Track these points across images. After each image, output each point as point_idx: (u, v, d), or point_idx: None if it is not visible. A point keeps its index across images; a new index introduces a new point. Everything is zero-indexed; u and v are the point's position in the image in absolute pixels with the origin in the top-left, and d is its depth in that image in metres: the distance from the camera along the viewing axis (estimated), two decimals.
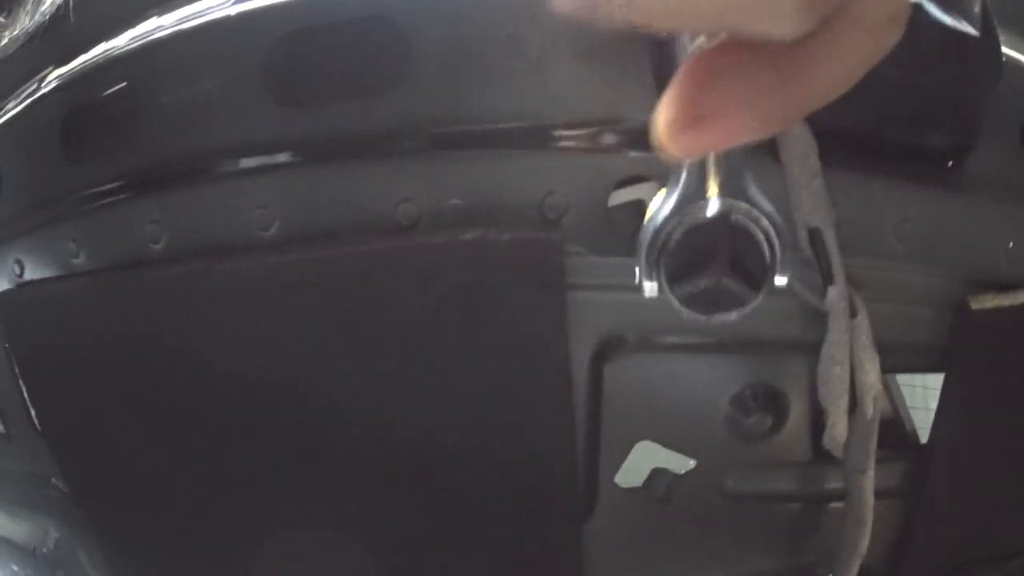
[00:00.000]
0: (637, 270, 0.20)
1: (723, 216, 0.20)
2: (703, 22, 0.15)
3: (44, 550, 0.51)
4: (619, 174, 0.35)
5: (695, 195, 0.21)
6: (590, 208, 0.35)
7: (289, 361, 0.38)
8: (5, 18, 0.47)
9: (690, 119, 0.16)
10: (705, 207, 0.20)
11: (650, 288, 0.20)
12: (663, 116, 0.16)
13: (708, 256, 0.20)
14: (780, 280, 0.19)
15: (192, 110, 0.38)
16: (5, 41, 0.45)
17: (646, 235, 0.21)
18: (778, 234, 0.19)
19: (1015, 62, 0.41)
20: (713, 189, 0.20)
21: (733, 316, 0.20)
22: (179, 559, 0.47)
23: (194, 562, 0.47)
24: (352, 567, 0.40)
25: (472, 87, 0.35)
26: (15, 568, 0.53)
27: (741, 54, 0.16)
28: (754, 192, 0.20)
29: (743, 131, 0.16)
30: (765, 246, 0.19)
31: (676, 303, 0.20)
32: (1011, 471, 0.43)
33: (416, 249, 0.34)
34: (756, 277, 0.19)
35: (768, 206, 0.19)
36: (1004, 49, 0.40)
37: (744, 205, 0.20)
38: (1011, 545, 0.48)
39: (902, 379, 0.55)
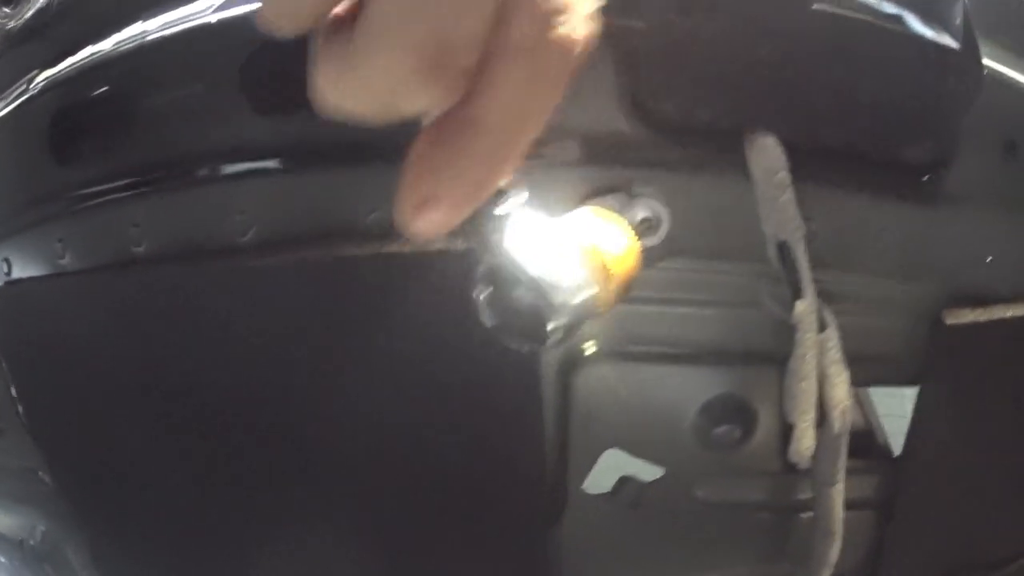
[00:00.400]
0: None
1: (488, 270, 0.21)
2: (369, 109, 0.17)
3: (32, 543, 0.52)
4: (592, 185, 0.35)
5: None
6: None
7: (264, 363, 0.38)
8: (11, 9, 0.48)
9: (417, 205, 0.18)
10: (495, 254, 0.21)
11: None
12: (397, 209, 0.18)
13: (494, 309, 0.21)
14: (562, 299, 0.20)
15: (173, 115, 0.39)
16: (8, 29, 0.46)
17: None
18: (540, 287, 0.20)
19: (998, 75, 0.40)
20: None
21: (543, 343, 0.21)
22: (164, 553, 0.48)
23: (179, 556, 0.48)
24: (322, 568, 0.41)
25: None
26: (3, 560, 0.54)
27: (441, 131, 0.17)
28: (513, 242, 0.21)
29: (467, 200, 0.18)
30: (527, 301, 0.20)
31: (506, 342, 0.21)
32: (986, 485, 0.43)
33: (385, 258, 0.34)
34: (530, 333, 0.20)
35: (525, 258, 0.20)
36: (986, 61, 0.39)
37: (500, 259, 0.21)
38: (988, 557, 0.47)
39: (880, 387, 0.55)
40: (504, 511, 0.39)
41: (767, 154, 0.35)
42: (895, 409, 0.52)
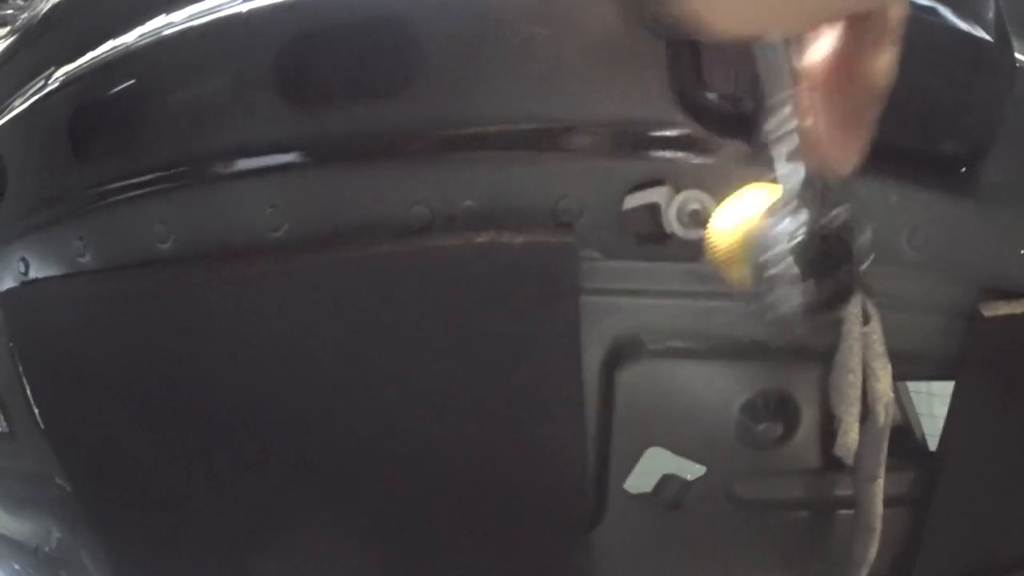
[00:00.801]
0: (761, 283, 0.21)
1: (845, 220, 0.21)
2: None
3: (46, 549, 0.51)
4: (633, 178, 0.34)
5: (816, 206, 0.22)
6: (604, 212, 0.34)
7: (297, 364, 0.37)
8: (24, 0, 0.46)
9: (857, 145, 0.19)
10: (833, 216, 0.21)
11: (784, 305, 0.21)
12: (842, 150, 0.17)
13: (833, 260, 0.21)
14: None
15: (201, 109, 0.38)
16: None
17: (767, 246, 0.21)
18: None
19: None
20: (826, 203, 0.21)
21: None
22: (182, 559, 0.47)
23: (197, 561, 0.46)
24: (360, 571, 0.40)
25: (485, 89, 0.35)
26: (17, 567, 0.52)
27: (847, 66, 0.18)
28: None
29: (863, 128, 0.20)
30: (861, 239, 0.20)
31: (795, 310, 0.21)
32: (1017, 479, 0.43)
33: (429, 252, 0.34)
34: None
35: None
36: (1018, 55, 0.40)
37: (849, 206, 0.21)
38: (1017, 556, 0.47)
39: (914, 386, 0.55)
40: (546, 512, 0.38)
41: None
42: (922, 408, 0.52)
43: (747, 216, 0.23)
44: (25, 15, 0.46)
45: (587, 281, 0.35)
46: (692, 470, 0.39)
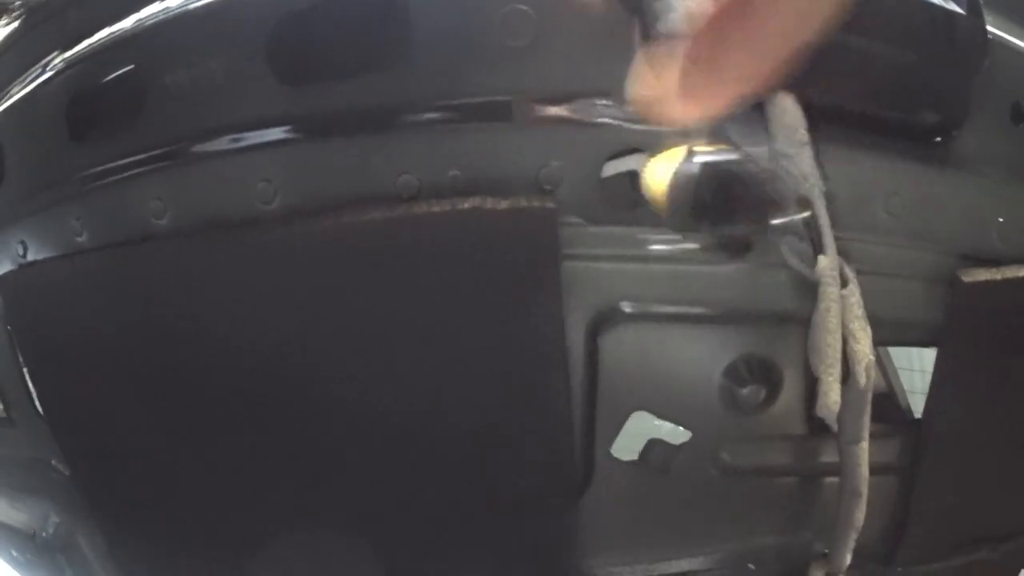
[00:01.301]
0: (672, 225, 0.21)
1: (738, 164, 0.21)
2: None
3: (44, 535, 0.51)
4: (612, 146, 0.35)
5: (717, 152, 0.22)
6: (584, 179, 0.35)
7: (292, 333, 0.38)
8: None
9: (687, 92, 0.17)
10: (729, 159, 0.21)
11: (692, 245, 0.21)
12: (656, 93, 0.17)
13: (739, 203, 0.21)
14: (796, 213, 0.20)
15: (197, 89, 0.39)
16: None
17: (679, 190, 0.22)
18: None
19: (1002, 40, 0.42)
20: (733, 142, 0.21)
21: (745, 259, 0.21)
22: (179, 542, 0.47)
23: (194, 544, 0.47)
24: (353, 541, 0.40)
25: (470, 63, 0.36)
26: (15, 553, 0.53)
27: (723, 23, 0.17)
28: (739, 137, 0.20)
29: (736, 95, 0.18)
30: (767, 187, 0.20)
31: (704, 251, 0.21)
32: (1006, 447, 0.44)
33: (416, 219, 0.35)
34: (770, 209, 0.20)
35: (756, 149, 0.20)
36: (989, 28, 0.41)
37: (736, 155, 0.21)
38: (1009, 524, 0.48)
39: (899, 363, 0.56)
40: (533, 478, 0.38)
41: (787, 113, 0.35)
42: (908, 384, 0.53)
43: (670, 161, 0.24)
44: (21, 2, 0.47)
45: (569, 247, 0.36)
46: (680, 437, 0.40)
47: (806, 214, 0.21)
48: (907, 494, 0.42)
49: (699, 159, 0.21)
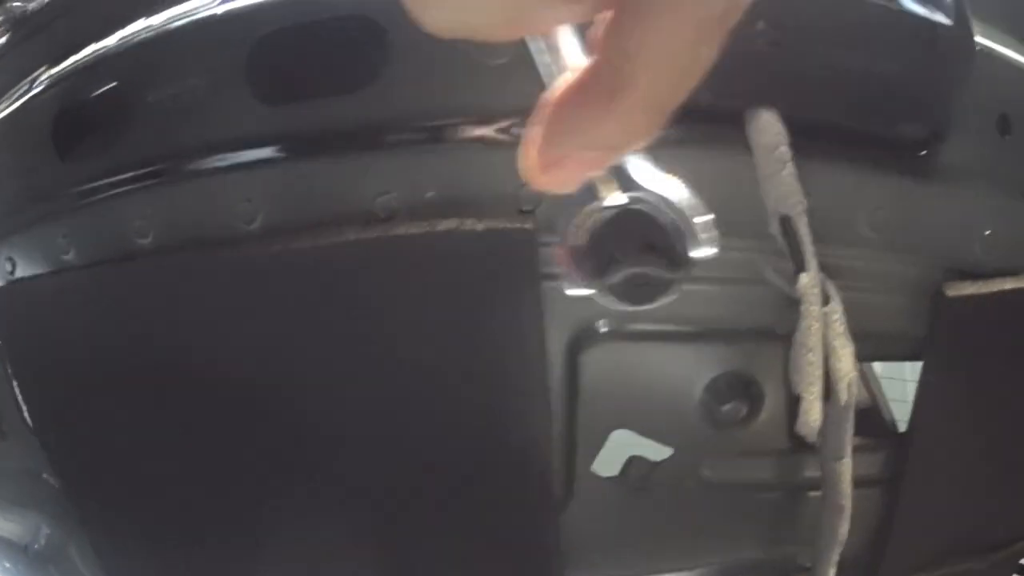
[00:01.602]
0: (565, 276, 0.21)
1: (620, 209, 0.20)
2: (493, 21, 0.15)
3: (36, 546, 0.52)
4: None
5: (588, 199, 0.21)
6: (563, 198, 0.35)
7: (273, 350, 0.38)
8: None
9: (546, 164, 0.17)
10: (599, 207, 0.20)
11: (576, 292, 0.21)
12: (523, 160, 0.17)
13: (621, 249, 0.20)
14: (700, 252, 0.19)
15: (178, 108, 0.39)
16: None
17: (560, 247, 0.21)
18: (681, 211, 0.19)
19: (989, 50, 0.41)
20: (605, 190, 0.20)
21: (661, 301, 0.20)
22: (169, 551, 0.48)
23: (184, 554, 0.47)
24: (331, 560, 0.40)
25: (449, 83, 0.36)
26: (7, 565, 0.53)
27: (578, 93, 0.16)
28: (647, 179, 0.20)
29: (601, 163, 0.17)
30: (669, 225, 0.19)
31: (606, 298, 0.20)
32: (992, 459, 0.44)
33: (393, 240, 0.35)
34: (673, 258, 0.19)
35: (664, 189, 0.19)
36: (977, 38, 0.40)
37: (638, 193, 0.20)
38: (996, 535, 0.48)
39: (888, 373, 0.56)
40: (515, 496, 0.39)
41: (767, 130, 0.35)
42: (897, 394, 0.53)
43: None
44: (6, 17, 0.47)
45: (549, 266, 0.35)
46: (661, 453, 0.40)
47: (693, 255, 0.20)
48: (892, 506, 0.42)
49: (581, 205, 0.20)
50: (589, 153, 0.17)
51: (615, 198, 0.19)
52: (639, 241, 0.19)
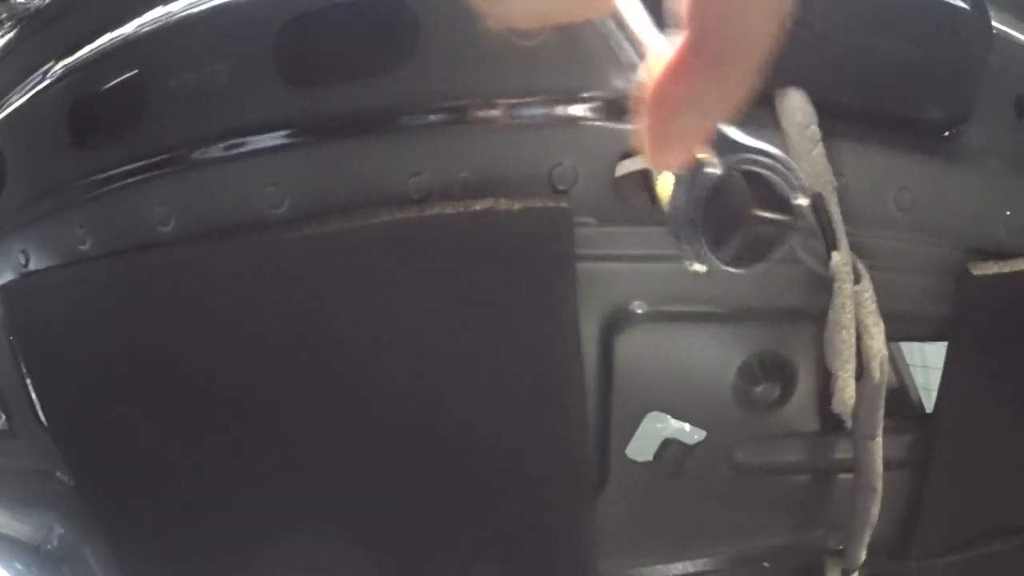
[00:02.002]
0: (682, 253, 0.21)
1: (727, 173, 0.20)
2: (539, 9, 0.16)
3: (48, 547, 0.51)
4: (625, 145, 0.35)
5: (698, 169, 0.21)
6: (598, 179, 0.35)
7: (306, 336, 0.38)
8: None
9: (665, 141, 0.18)
10: (710, 174, 0.20)
11: (700, 267, 0.21)
12: (648, 144, 0.18)
13: (735, 213, 0.20)
14: (802, 200, 0.20)
15: (201, 93, 0.39)
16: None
17: (673, 220, 0.21)
18: (780, 162, 0.20)
19: (1005, 35, 0.42)
20: (710, 157, 0.21)
21: (779, 254, 0.20)
22: (185, 551, 0.47)
23: (201, 553, 0.46)
24: (366, 542, 0.40)
25: (480, 63, 0.35)
26: (19, 567, 0.52)
27: (683, 68, 0.17)
28: (740, 138, 0.20)
29: (711, 128, 0.18)
30: (775, 176, 0.19)
31: (727, 270, 0.20)
32: (1017, 438, 0.44)
33: (427, 220, 0.34)
34: (782, 206, 0.19)
35: (759, 142, 0.20)
36: (994, 23, 0.41)
37: (740, 155, 0.20)
38: (1021, 517, 0.48)
39: (910, 360, 0.56)
40: (549, 479, 0.38)
41: (798, 109, 0.35)
42: (920, 382, 0.53)
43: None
44: (11, 13, 0.46)
45: (583, 247, 0.35)
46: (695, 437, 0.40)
47: (807, 218, 0.20)
48: (920, 489, 0.42)
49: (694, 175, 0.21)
50: (702, 123, 0.18)
51: (717, 165, 0.19)
52: (752, 202, 0.19)
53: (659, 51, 0.18)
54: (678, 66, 0.17)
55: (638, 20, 0.19)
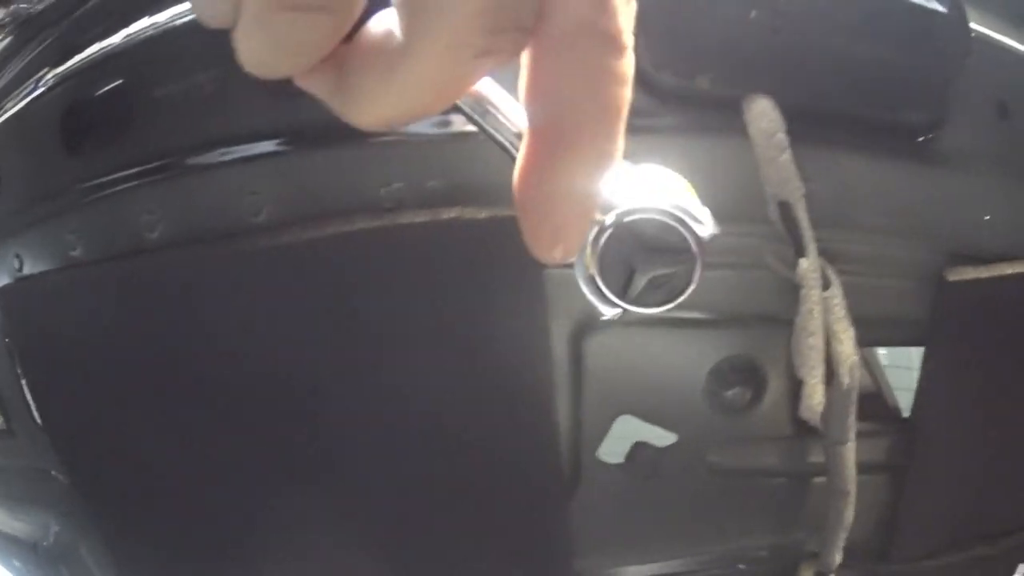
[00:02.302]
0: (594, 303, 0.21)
1: (616, 227, 0.20)
2: (425, 102, 0.15)
3: (45, 544, 0.52)
4: None
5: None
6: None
7: (283, 342, 0.39)
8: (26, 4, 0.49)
9: (552, 243, 0.18)
10: (598, 232, 0.21)
11: (610, 313, 0.21)
12: (536, 248, 0.18)
13: (634, 260, 0.21)
14: (706, 232, 0.20)
15: (184, 103, 0.40)
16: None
17: (579, 277, 0.22)
18: (670, 204, 0.20)
19: (986, 38, 0.42)
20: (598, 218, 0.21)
21: (687, 293, 0.21)
22: (182, 551, 0.48)
23: (197, 553, 0.48)
24: (344, 549, 0.41)
25: None
26: (17, 564, 0.54)
27: (536, 161, 0.16)
28: (622, 190, 0.20)
29: (590, 208, 0.18)
30: (667, 219, 0.19)
31: (635, 311, 0.21)
32: (997, 444, 0.44)
33: (399, 229, 0.35)
34: (684, 247, 0.20)
35: (644, 191, 0.20)
36: (973, 25, 0.41)
37: (624, 207, 0.20)
38: (1006, 521, 0.48)
39: (894, 361, 0.56)
40: (520, 485, 0.39)
41: (765, 116, 0.36)
42: (903, 383, 0.53)
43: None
44: (13, 18, 0.48)
45: None
46: (667, 440, 0.40)
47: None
48: (898, 492, 0.43)
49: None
50: (577, 210, 0.17)
51: (606, 220, 0.20)
52: (647, 246, 0.20)
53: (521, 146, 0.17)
54: (531, 166, 0.17)
55: (501, 99, 0.18)
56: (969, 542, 0.46)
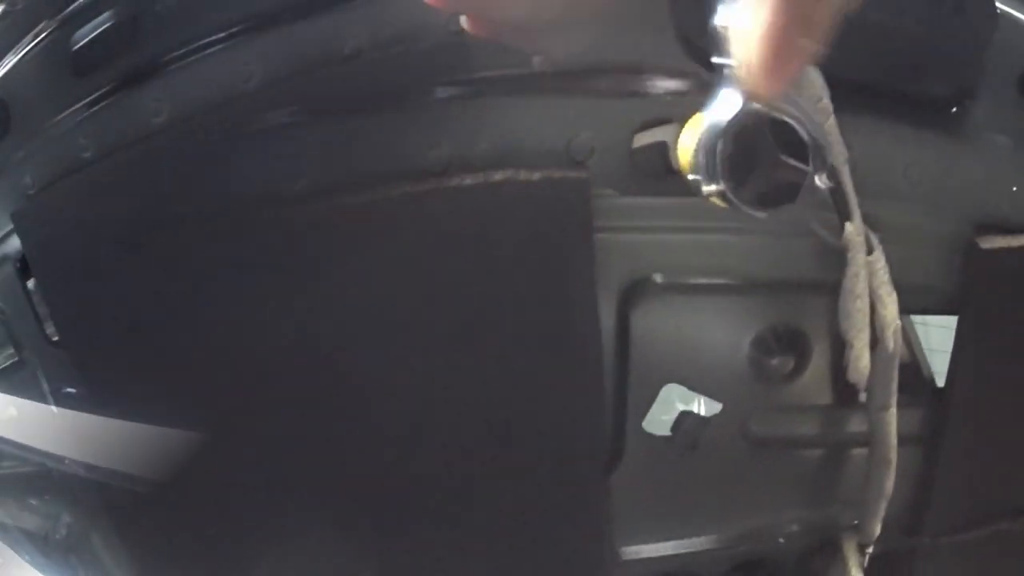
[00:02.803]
0: (703, 188, 0.22)
1: (758, 114, 0.22)
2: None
3: (56, 536, 0.50)
4: (642, 117, 0.36)
5: (730, 108, 0.23)
6: (614, 150, 0.35)
7: (324, 309, 0.38)
8: None
9: (780, 62, 0.20)
10: (742, 112, 0.22)
11: (720, 203, 0.22)
12: (761, 66, 0.20)
13: (759, 153, 0.22)
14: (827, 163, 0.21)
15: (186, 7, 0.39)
16: None
17: (700, 153, 0.23)
18: (807, 118, 0.21)
19: (1007, 14, 0.43)
20: (743, 98, 0.22)
21: (795, 201, 0.22)
22: (196, 539, 0.46)
23: (212, 541, 0.46)
24: (387, 513, 0.40)
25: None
26: (27, 557, 0.51)
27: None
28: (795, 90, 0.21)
29: (808, 53, 0.20)
30: (799, 126, 0.21)
31: (744, 207, 0.22)
32: None
33: (447, 192, 0.35)
34: (803, 155, 0.21)
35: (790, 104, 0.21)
36: (996, 3, 0.42)
37: (772, 102, 0.22)
38: None
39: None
40: (565, 454, 0.38)
41: (810, 82, 0.36)
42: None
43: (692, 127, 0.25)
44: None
45: (600, 219, 0.36)
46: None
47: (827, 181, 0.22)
48: (932, 464, 0.43)
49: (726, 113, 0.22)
50: (810, 44, 0.20)
51: (757, 107, 0.21)
52: (775, 146, 0.21)
53: None
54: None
55: None
56: (996, 517, 0.47)
